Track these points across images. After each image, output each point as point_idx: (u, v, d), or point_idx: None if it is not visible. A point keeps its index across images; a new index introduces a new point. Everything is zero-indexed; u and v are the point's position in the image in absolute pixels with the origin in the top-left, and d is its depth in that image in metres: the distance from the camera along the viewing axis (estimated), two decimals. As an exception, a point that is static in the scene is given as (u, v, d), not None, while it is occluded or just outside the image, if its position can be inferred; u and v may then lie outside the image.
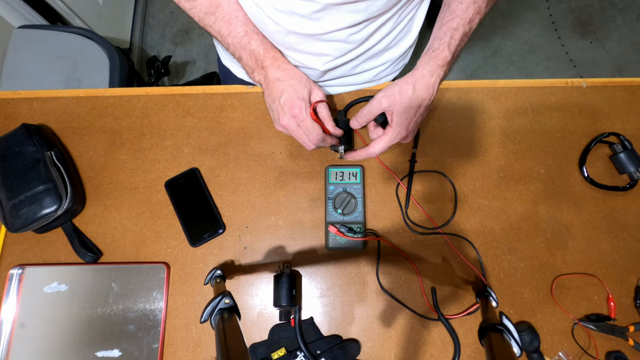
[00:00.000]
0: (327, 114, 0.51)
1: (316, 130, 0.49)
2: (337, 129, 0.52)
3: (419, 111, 0.49)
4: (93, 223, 0.59)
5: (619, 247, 0.57)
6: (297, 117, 0.48)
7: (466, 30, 0.49)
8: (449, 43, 0.48)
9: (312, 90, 0.50)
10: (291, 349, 0.52)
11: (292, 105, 0.48)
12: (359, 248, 0.57)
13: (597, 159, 0.61)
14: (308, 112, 0.48)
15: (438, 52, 0.48)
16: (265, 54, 0.50)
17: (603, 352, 0.53)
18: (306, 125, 0.48)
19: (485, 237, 0.58)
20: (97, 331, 0.54)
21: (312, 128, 0.48)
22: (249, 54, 0.50)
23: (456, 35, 0.49)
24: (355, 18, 0.46)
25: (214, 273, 0.51)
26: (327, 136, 0.51)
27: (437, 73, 0.48)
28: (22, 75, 1.04)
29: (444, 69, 0.49)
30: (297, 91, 0.48)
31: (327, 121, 0.51)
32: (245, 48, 0.50)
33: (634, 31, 1.72)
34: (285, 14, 0.47)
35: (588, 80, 0.65)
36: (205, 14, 0.50)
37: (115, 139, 0.62)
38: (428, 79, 0.48)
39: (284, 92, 0.48)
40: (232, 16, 0.50)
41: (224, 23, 0.50)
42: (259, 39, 0.50)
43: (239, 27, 0.50)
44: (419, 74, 0.48)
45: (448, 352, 0.53)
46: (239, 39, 0.50)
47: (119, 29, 1.64)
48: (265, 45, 0.51)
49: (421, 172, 0.60)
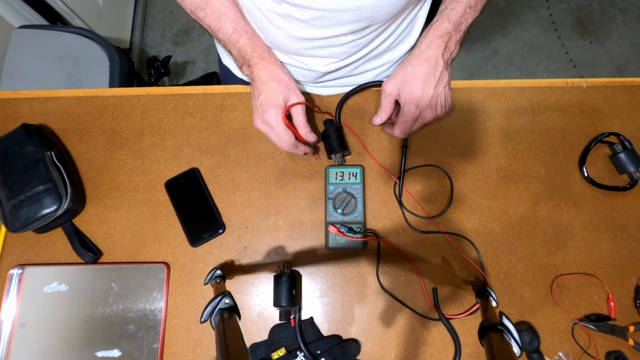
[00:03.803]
0: (301, 121, 0.51)
1: (287, 137, 0.49)
2: (311, 135, 0.51)
3: (427, 84, 0.47)
4: (93, 223, 0.59)
5: (619, 247, 0.57)
6: (267, 122, 0.49)
7: (470, 3, 0.48)
8: (448, 15, 0.48)
9: (290, 95, 0.50)
10: (291, 349, 0.52)
11: (265, 110, 0.48)
12: (359, 248, 0.57)
13: (597, 159, 0.61)
14: (279, 118, 0.48)
15: (436, 25, 0.48)
16: (252, 53, 0.50)
17: (603, 352, 0.53)
18: (276, 131, 0.49)
19: (485, 237, 0.58)
20: (97, 331, 0.54)
21: (284, 134, 0.49)
22: (237, 51, 0.51)
23: (458, 7, 0.48)
24: (357, 25, 0.46)
25: (214, 273, 0.51)
26: (299, 143, 0.51)
27: (436, 44, 0.47)
28: (22, 75, 1.05)
29: (444, 39, 0.47)
30: (273, 96, 0.49)
31: (300, 127, 0.51)
32: (234, 45, 0.51)
33: (634, 31, 1.72)
34: (285, 18, 0.47)
35: (588, 80, 0.65)
36: (196, 8, 0.51)
37: (115, 139, 0.62)
38: (425, 51, 0.48)
39: (261, 94, 0.49)
40: (222, 13, 0.50)
41: (213, 19, 0.50)
42: (247, 37, 0.51)
43: (227, 24, 0.50)
44: (417, 50, 0.49)
45: (448, 352, 0.53)
46: (228, 35, 0.51)
47: (119, 29, 1.64)
48: (253, 43, 0.51)
49: (418, 168, 0.60)
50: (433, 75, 0.47)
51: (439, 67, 0.47)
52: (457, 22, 0.48)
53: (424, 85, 0.47)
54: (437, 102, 0.49)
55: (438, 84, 0.48)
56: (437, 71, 0.47)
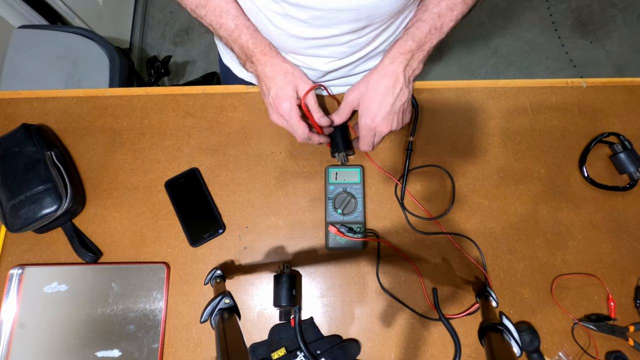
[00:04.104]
0: (313, 106, 0.52)
1: (300, 129, 0.50)
2: (324, 119, 0.53)
3: (385, 101, 0.49)
4: (93, 223, 0.59)
5: (619, 247, 0.57)
6: (283, 116, 0.50)
7: (436, 25, 0.49)
8: (413, 34, 0.49)
9: (299, 84, 0.51)
10: (291, 349, 0.52)
11: (279, 104, 0.50)
12: (359, 248, 0.57)
13: (597, 159, 0.61)
14: (293, 111, 0.50)
15: (401, 42, 0.49)
16: (255, 49, 0.51)
17: (603, 352, 0.53)
18: (292, 123, 0.50)
19: (485, 237, 0.58)
20: (97, 331, 0.54)
21: (297, 127, 0.50)
22: (239, 47, 0.52)
23: (423, 27, 0.49)
24: (356, 25, 0.46)
25: (214, 273, 0.51)
26: (313, 135, 0.52)
27: (399, 60, 0.48)
28: (22, 75, 1.04)
29: (406, 57, 0.48)
30: (283, 88, 0.50)
31: (314, 112, 0.52)
32: (236, 42, 0.51)
33: (634, 31, 1.72)
34: (285, 18, 0.47)
35: (588, 80, 0.65)
36: (197, 6, 0.51)
37: (115, 139, 0.62)
38: (387, 67, 0.49)
39: (271, 89, 0.50)
40: (223, 9, 0.50)
41: (214, 16, 0.51)
42: (249, 32, 0.51)
43: (229, 20, 0.50)
44: (380, 64, 0.50)
45: (448, 352, 0.53)
46: (230, 32, 0.51)
47: (119, 29, 1.64)
48: (254, 39, 0.51)
49: (419, 169, 0.60)
50: (392, 92, 0.49)
51: (399, 84, 0.49)
52: (420, 41, 0.49)
53: (380, 102, 0.49)
54: (394, 118, 0.51)
55: (396, 101, 0.49)
56: (396, 87, 0.49)
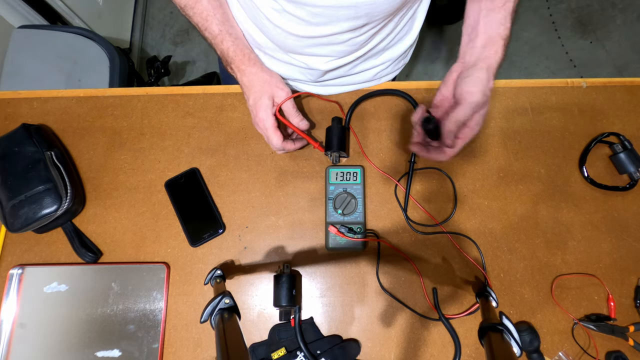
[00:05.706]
0: (291, 110, 0.53)
1: (274, 140, 0.52)
2: (304, 123, 0.54)
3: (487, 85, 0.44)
4: (93, 223, 0.59)
5: (619, 247, 0.57)
6: (259, 125, 0.53)
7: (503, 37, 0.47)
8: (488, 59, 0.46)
9: (275, 92, 0.52)
10: (291, 349, 0.52)
11: (256, 113, 0.52)
12: (359, 248, 0.57)
13: (597, 159, 0.61)
14: (269, 122, 0.51)
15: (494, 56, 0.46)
16: (234, 57, 0.53)
17: (603, 352, 0.53)
18: (267, 134, 0.52)
19: (485, 237, 0.58)
20: (97, 331, 0.54)
21: (272, 137, 0.52)
22: (220, 52, 0.54)
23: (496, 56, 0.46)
24: (355, 23, 0.46)
25: (214, 273, 0.51)
26: (286, 144, 0.53)
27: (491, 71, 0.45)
28: (22, 75, 1.04)
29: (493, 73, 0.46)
30: (260, 98, 0.51)
31: (292, 117, 0.54)
32: (218, 47, 0.54)
33: (634, 31, 1.72)
34: (283, 17, 0.47)
35: (588, 80, 0.65)
36: (185, 5, 0.53)
37: (115, 139, 0.62)
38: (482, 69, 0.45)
39: (249, 98, 0.53)
40: (210, 13, 0.52)
41: (201, 19, 0.52)
42: (231, 40, 0.53)
43: (214, 25, 0.52)
44: None
45: (448, 352, 0.53)
46: (214, 36, 0.53)
47: (119, 29, 1.64)
48: (235, 47, 0.53)
49: (420, 170, 0.60)
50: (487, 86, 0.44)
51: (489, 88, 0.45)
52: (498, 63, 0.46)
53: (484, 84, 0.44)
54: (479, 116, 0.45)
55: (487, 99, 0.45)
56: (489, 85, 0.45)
